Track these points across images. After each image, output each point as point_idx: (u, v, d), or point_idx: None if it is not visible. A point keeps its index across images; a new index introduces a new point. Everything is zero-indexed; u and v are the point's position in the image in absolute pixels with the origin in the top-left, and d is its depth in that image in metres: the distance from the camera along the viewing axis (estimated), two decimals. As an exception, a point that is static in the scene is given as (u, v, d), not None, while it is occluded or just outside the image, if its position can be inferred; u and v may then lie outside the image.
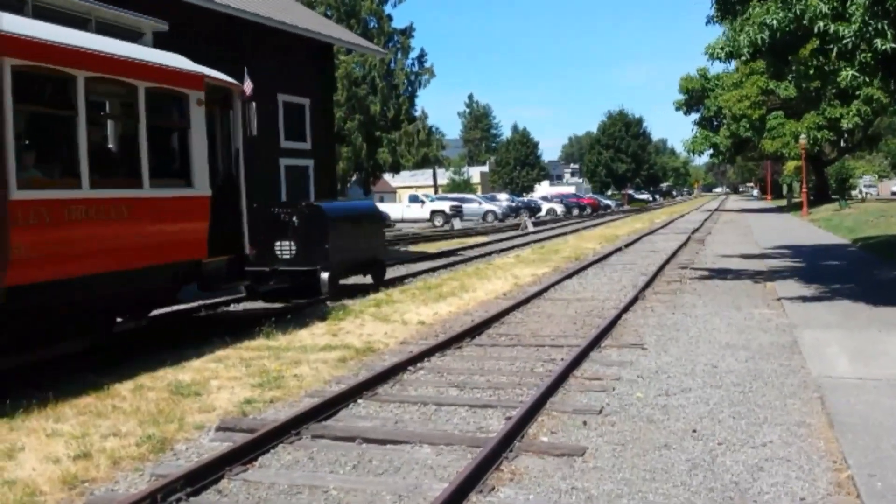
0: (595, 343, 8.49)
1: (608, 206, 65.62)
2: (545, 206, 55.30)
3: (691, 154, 51.71)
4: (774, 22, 10.07)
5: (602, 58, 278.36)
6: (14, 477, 4.87)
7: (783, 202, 61.56)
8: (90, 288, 7.64)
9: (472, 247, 25.49)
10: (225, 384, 7.15)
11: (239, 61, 18.19)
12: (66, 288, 7.29)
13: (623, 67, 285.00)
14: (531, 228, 36.11)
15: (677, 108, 48.55)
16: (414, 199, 46.31)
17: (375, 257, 14.56)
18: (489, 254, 22.31)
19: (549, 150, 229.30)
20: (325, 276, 12.38)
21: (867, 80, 11.26)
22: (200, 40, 17.15)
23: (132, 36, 8.95)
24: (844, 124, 36.32)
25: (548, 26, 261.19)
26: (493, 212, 47.03)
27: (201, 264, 9.19)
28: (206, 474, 4.73)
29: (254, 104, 10.66)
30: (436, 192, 65.36)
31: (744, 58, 11.17)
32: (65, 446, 5.40)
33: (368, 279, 14.55)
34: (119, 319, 9.02)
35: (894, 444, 4.99)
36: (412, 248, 26.44)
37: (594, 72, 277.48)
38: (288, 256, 12.54)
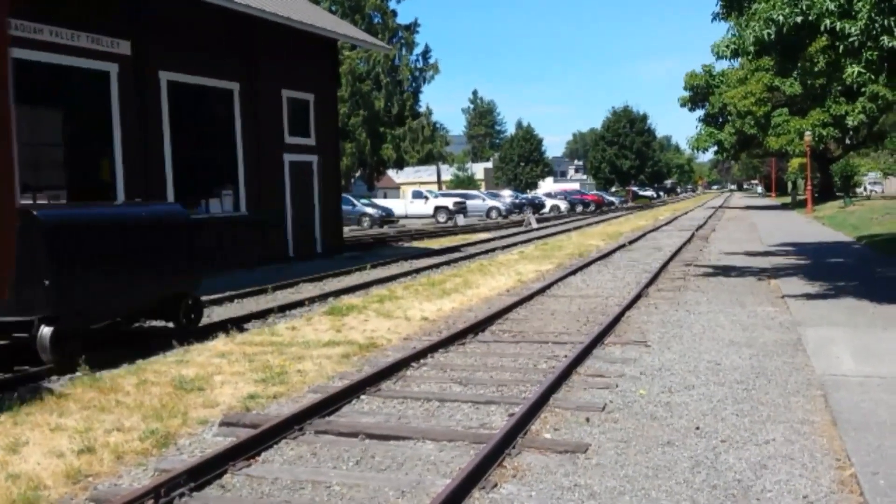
0: (598, 340, 8.48)
1: (612, 203, 65.50)
2: (549, 203, 55.22)
3: (695, 151, 51.59)
4: (780, 17, 10.03)
5: (607, 55, 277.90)
6: (18, 471, 4.88)
7: (788, 199, 61.42)
8: None
9: (475, 243, 25.49)
10: (228, 379, 7.16)
11: (244, 57, 18.24)
12: None
13: (628, 64, 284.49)
14: (534, 225, 36.07)
15: (682, 105, 48.36)
16: (417, 194, 46.25)
17: (177, 292, 9.46)
18: (492, 250, 22.30)
19: (554, 147, 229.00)
20: (46, 331, 7.56)
21: (873, 77, 11.23)
22: (206, 35, 17.17)
23: None
24: (850, 121, 36.19)
25: (552, 22, 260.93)
26: (496, 208, 46.99)
27: None
28: (210, 469, 4.74)
29: None
30: (439, 189, 65.35)
31: (750, 56, 11.13)
32: (68, 440, 5.41)
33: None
34: None
35: (898, 442, 4.98)
36: (415, 244, 26.44)
37: (598, 69, 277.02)
38: None
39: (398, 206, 44.14)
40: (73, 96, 15.83)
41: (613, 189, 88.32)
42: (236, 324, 10.22)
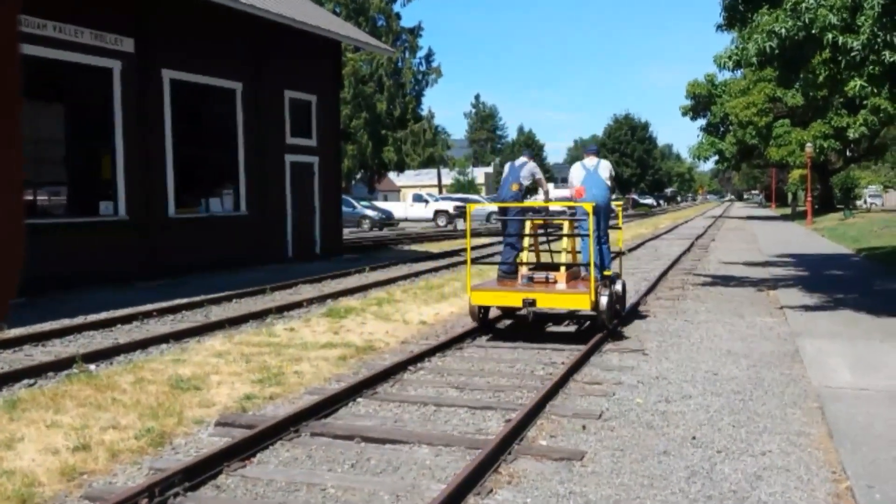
0: (596, 347, 8.48)
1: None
2: (549, 209, 55.09)
3: (696, 160, 51.66)
4: (783, 30, 10.06)
5: (609, 62, 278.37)
6: (13, 467, 4.87)
7: (788, 210, 61.48)
8: None
9: (475, 247, 25.48)
10: (225, 379, 7.16)
11: (247, 56, 18.25)
12: None
13: (630, 72, 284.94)
14: (534, 230, 36.00)
15: (683, 114, 48.41)
16: (418, 198, 46.27)
17: None
18: (492, 255, 22.27)
19: (555, 153, 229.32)
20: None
21: (875, 90, 11.25)
22: (210, 35, 17.19)
23: None
24: (851, 134, 36.28)
25: (555, 29, 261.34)
26: (496, 213, 46.92)
27: None
28: (205, 469, 4.73)
29: None
30: (440, 192, 65.37)
31: (752, 67, 11.15)
32: (64, 438, 5.40)
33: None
34: None
35: (894, 455, 4.98)
36: (415, 247, 26.44)
37: (601, 76, 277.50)
38: None
39: (398, 209, 44.18)
40: (75, 92, 15.85)
41: (614, 196, 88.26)
42: (234, 324, 10.22)
